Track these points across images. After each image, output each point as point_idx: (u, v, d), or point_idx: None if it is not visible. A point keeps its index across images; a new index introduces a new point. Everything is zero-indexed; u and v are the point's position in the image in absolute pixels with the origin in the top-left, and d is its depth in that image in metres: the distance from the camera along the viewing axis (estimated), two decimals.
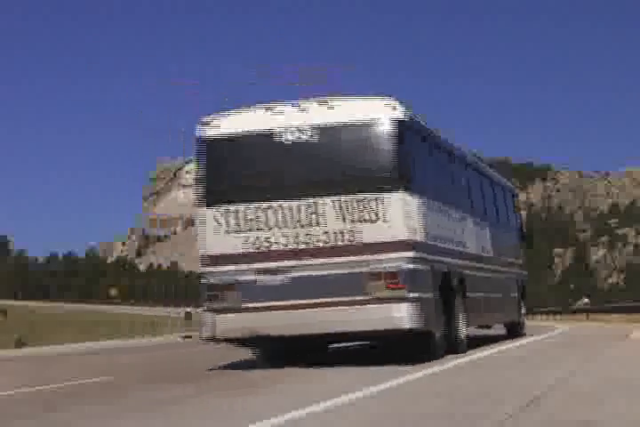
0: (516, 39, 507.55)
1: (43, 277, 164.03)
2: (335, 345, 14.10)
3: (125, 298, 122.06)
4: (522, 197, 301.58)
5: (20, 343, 30.25)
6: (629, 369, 8.99)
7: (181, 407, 6.93)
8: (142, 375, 11.47)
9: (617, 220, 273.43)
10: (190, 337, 34.84)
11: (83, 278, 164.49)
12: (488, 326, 16.89)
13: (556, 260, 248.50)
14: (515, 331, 17.28)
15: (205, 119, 10.96)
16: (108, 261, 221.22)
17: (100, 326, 45.72)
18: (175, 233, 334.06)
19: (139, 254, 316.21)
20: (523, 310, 17.92)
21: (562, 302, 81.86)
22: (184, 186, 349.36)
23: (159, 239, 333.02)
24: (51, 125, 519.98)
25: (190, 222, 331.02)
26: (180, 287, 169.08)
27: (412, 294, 10.18)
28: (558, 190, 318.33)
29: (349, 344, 15.34)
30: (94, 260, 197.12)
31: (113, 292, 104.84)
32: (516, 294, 17.30)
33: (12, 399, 8.92)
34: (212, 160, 10.91)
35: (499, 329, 17.42)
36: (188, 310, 40.04)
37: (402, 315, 10.14)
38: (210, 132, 10.89)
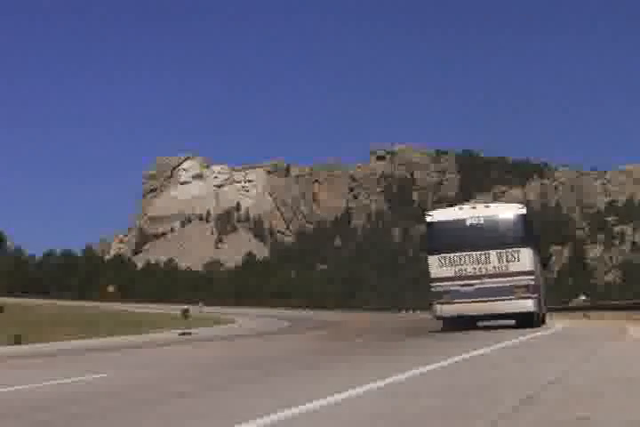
0: (515, 38, 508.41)
1: (40, 275, 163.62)
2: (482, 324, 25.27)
3: (123, 296, 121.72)
4: (519, 194, 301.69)
5: (18, 340, 30.18)
6: (627, 367, 9.06)
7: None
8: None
9: (614, 217, 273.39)
10: (189, 334, 34.58)
11: (80, 276, 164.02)
12: None
13: (554, 257, 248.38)
14: (543, 320, 26.69)
15: (429, 213, 24.03)
16: (106, 258, 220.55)
17: (99, 324, 45.70)
18: (173, 231, 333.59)
19: (136, 252, 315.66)
20: (546, 307, 30.05)
21: (560, 299, 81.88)
22: (181, 183, 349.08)
23: (157, 237, 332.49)
24: (50, 124, 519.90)
25: (188, 220, 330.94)
26: (177, 285, 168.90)
27: (533, 295, 22.42)
28: (556, 188, 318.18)
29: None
30: (92, 257, 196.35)
31: (111, 289, 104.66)
32: (544, 297, 28.13)
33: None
34: (434, 232, 23.35)
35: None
36: (185, 307, 39.90)
37: (530, 305, 22.37)
38: (432, 219, 23.59)
